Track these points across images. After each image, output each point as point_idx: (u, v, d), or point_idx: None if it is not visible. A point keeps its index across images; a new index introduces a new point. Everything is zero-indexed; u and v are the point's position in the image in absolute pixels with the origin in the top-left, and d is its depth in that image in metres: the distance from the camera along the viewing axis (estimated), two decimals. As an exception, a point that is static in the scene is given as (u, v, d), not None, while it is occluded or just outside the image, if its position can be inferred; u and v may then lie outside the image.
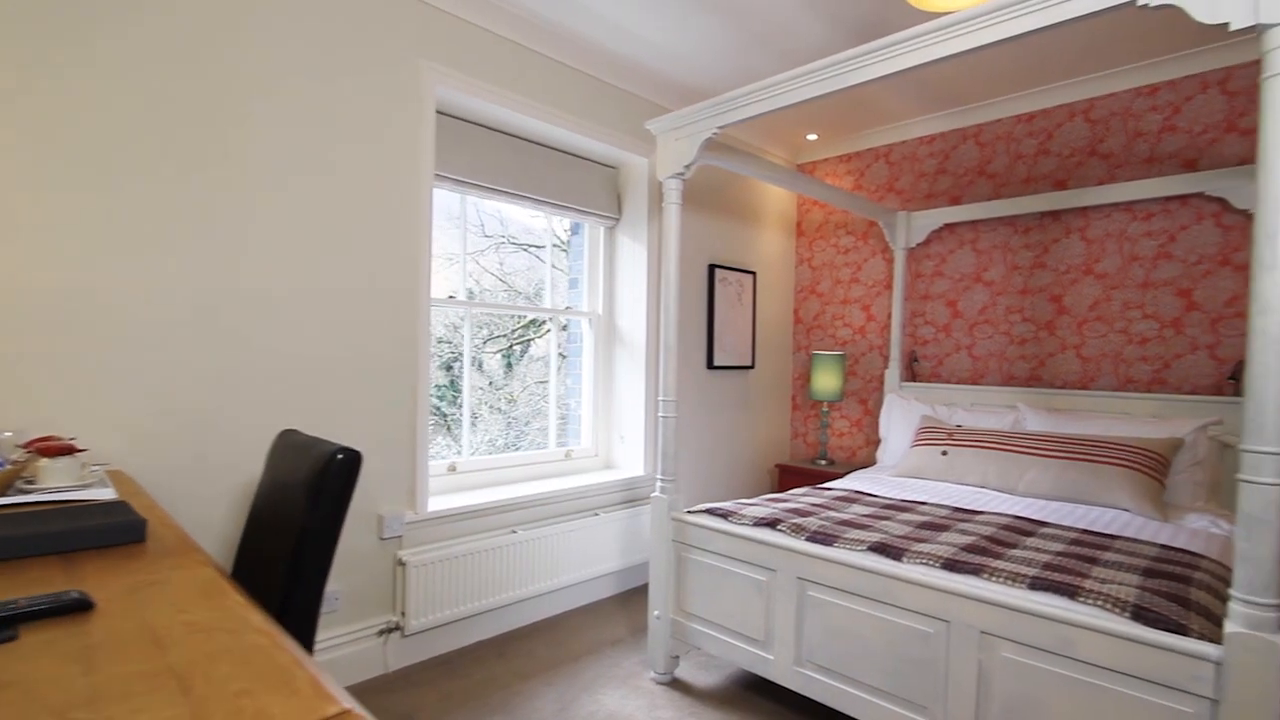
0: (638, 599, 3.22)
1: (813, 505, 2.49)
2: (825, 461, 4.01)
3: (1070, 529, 2.24)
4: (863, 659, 1.87)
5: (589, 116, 3.10)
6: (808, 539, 2.08)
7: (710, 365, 3.85)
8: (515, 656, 2.58)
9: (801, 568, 2.01)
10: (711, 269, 3.85)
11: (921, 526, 2.21)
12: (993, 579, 1.71)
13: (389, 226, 2.42)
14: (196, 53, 1.96)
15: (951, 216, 3.56)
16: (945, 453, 3.10)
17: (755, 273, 4.13)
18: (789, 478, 3.99)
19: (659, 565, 2.42)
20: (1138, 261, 3.11)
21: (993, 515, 2.38)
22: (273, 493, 1.38)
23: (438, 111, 2.68)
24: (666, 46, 2.97)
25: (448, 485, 2.85)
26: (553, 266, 3.51)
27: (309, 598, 1.19)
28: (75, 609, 0.80)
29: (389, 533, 2.42)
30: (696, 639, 2.32)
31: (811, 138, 4.12)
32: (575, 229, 3.59)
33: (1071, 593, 1.59)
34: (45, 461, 1.41)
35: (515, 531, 2.78)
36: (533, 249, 3.65)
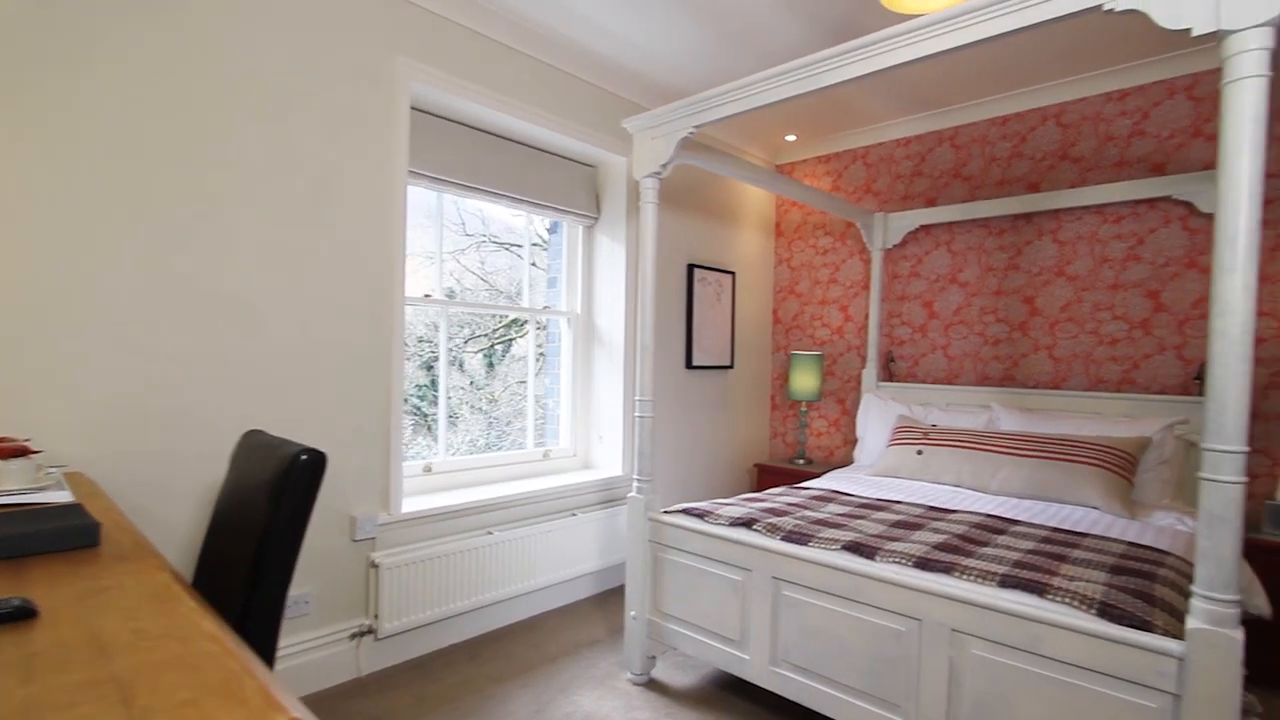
0: (616, 599, 3.20)
1: (789, 505, 2.49)
2: (803, 461, 4.03)
3: (1041, 527, 2.27)
4: (837, 658, 1.87)
5: (567, 115, 3.08)
6: (783, 538, 2.08)
7: (689, 365, 3.85)
8: (491, 659, 2.56)
9: (776, 567, 2.02)
10: (690, 269, 3.85)
11: (895, 525, 2.22)
12: (964, 577, 1.73)
13: (362, 223, 2.38)
14: (167, 49, 1.91)
15: (927, 218, 3.60)
16: (921, 452, 3.13)
17: (734, 273, 4.14)
18: (767, 477, 4.01)
19: (635, 566, 2.41)
20: (1108, 264, 3.16)
21: (966, 514, 2.41)
22: (235, 495, 1.35)
23: (414, 108, 2.65)
24: (646, 46, 2.96)
25: (424, 486, 2.82)
26: (532, 265, 3.49)
27: (271, 602, 1.17)
28: (17, 617, 0.77)
29: (362, 534, 2.39)
30: (673, 639, 2.31)
31: (790, 139, 4.13)
32: (554, 228, 3.57)
33: (1040, 590, 1.61)
34: (-2, 464, 1.37)
35: (491, 533, 2.75)
36: (514, 248, 3.62)
